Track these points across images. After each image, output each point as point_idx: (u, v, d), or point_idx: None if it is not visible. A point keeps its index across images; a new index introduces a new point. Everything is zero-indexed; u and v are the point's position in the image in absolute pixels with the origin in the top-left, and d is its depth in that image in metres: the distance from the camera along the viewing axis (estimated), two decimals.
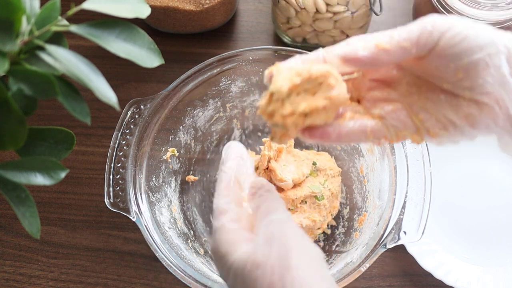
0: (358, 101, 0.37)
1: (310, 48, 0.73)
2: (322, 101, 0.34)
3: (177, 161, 0.61)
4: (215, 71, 0.57)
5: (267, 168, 0.57)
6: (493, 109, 0.33)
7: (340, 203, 0.62)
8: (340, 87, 0.34)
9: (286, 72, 0.34)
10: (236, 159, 0.40)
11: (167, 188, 0.59)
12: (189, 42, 0.75)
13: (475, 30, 0.32)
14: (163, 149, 0.59)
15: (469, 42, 0.32)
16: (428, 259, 0.60)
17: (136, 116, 0.55)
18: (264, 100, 0.33)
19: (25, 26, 0.33)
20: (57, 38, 0.35)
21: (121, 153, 0.53)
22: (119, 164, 0.53)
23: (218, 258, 0.35)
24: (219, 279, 0.51)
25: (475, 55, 0.32)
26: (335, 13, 0.65)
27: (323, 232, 0.61)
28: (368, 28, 0.73)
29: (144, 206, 0.52)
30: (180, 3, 0.68)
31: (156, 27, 0.74)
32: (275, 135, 0.35)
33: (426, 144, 0.52)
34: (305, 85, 0.33)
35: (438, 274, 0.59)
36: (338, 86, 0.34)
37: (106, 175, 0.52)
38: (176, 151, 0.60)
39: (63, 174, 0.37)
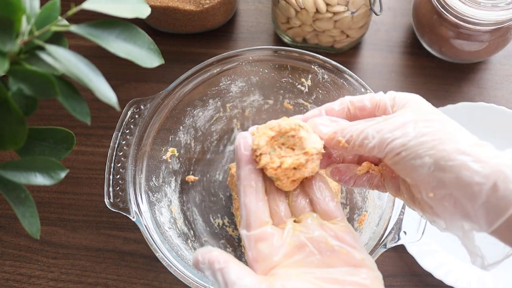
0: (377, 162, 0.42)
1: (310, 48, 0.73)
2: (303, 157, 0.37)
3: (177, 161, 0.61)
4: (215, 71, 0.57)
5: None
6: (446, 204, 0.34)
7: (340, 203, 0.62)
8: (311, 138, 0.38)
9: (262, 129, 0.39)
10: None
11: (167, 188, 0.59)
12: (189, 42, 0.75)
13: (411, 151, 0.34)
14: (163, 149, 0.58)
15: (404, 164, 0.34)
16: (428, 259, 0.60)
17: (136, 116, 0.55)
18: (254, 156, 0.38)
19: (25, 26, 0.33)
20: (57, 38, 0.35)
21: (121, 153, 0.53)
22: (119, 164, 0.53)
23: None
24: None
25: (414, 174, 0.34)
26: (335, 13, 0.65)
27: None
28: (368, 28, 0.73)
29: (144, 206, 0.52)
30: (180, 3, 0.68)
31: (156, 27, 0.74)
32: (277, 184, 0.39)
33: None
34: (280, 139, 0.38)
35: (438, 274, 0.59)
36: (309, 137, 0.38)
37: (106, 175, 0.52)
38: (176, 151, 0.60)
39: (63, 174, 0.37)
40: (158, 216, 0.53)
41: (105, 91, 0.33)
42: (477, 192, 0.32)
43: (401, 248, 0.62)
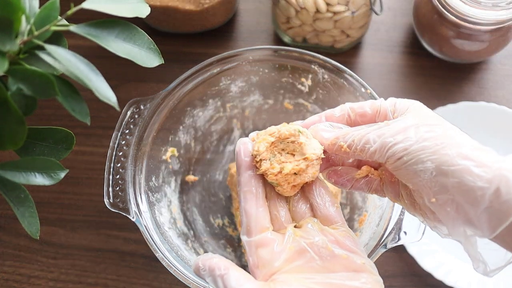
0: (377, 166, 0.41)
1: (310, 48, 0.72)
2: (303, 163, 0.38)
3: (177, 161, 0.61)
4: (215, 71, 0.57)
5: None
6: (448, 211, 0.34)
7: (340, 203, 0.62)
8: (311, 143, 0.38)
9: (262, 135, 0.39)
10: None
11: (167, 188, 0.59)
12: (189, 42, 0.75)
13: (413, 155, 0.34)
14: (163, 149, 0.58)
15: (406, 169, 0.34)
16: (428, 259, 0.60)
17: (136, 116, 0.55)
18: (254, 162, 0.39)
19: (24, 25, 0.33)
20: (57, 38, 0.35)
21: (120, 153, 0.53)
22: (119, 164, 0.53)
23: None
24: None
25: (416, 179, 0.34)
26: (335, 13, 0.64)
27: None
28: (368, 28, 0.73)
29: (144, 206, 0.52)
30: (180, 3, 0.68)
31: (156, 27, 0.74)
32: (277, 190, 0.39)
33: None
34: (280, 145, 0.39)
35: (438, 274, 0.59)
36: (308, 143, 0.38)
37: (105, 175, 0.52)
38: (176, 151, 0.60)
39: (62, 174, 0.37)
40: (158, 216, 0.53)
41: (105, 91, 0.33)
42: (480, 197, 0.32)
43: (402, 248, 0.62)
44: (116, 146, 0.53)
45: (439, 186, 0.33)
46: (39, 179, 0.36)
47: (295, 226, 0.39)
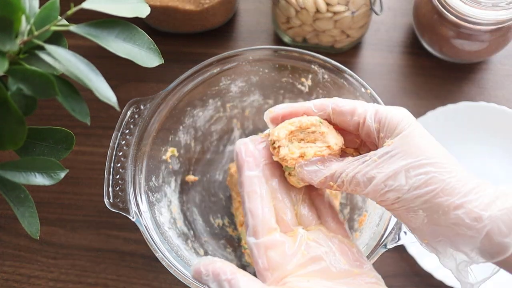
0: None
1: (310, 48, 0.72)
2: (326, 150, 0.38)
3: (177, 161, 0.61)
4: (215, 71, 0.57)
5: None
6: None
7: (340, 203, 0.62)
8: (333, 133, 0.38)
9: (281, 124, 0.38)
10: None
11: (167, 188, 0.59)
12: (189, 42, 0.75)
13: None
14: (163, 149, 0.58)
15: (398, 214, 0.36)
16: (428, 260, 0.60)
17: (136, 116, 0.55)
18: (271, 149, 0.38)
19: (24, 25, 0.33)
20: (57, 38, 0.35)
21: (120, 153, 0.53)
22: (119, 164, 0.53)
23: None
24: None
25: (408, 223, 0.37)
26: (335, 13, 0.64)
27: None
28: (368, 28, 0.73)
29: (144, 206, 0.52)
30: (180, 2, 0.68)
31: (156, 27, 0.74)
32: (290, 180, 0.39)
33: None
34: (300, 135, 0.38)
35: (439, 274, 0.59)
36: (330, 132, 0.38)
37: (105, 175, 0.52)
38: (176, 151, 0.60)
39: (62, 174, 0.37)
40: (158, 216, 0.53)
41: (105, 91, 0.33)
42: (471, 241, 0.33)
43: (402, 248, 0.62)
44: (116, 146, 0.53)
45: (430, 231, 0.35)
46: (39, 179, 0.37)
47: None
